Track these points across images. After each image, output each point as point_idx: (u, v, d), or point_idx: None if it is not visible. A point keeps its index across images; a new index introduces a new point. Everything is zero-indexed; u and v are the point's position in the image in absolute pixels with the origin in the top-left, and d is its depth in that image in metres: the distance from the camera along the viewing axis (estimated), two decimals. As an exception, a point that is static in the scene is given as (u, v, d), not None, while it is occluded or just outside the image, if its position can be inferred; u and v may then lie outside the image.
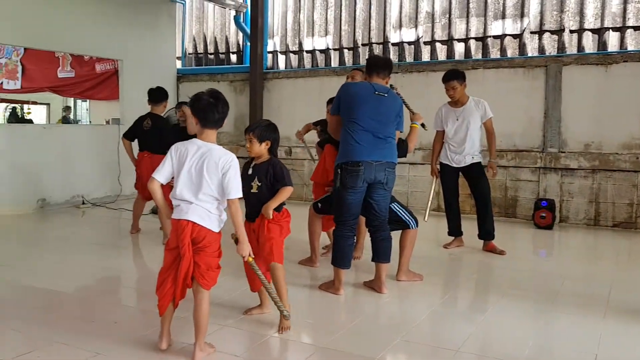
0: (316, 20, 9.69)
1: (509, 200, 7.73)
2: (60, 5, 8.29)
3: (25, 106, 12.82)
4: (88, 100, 12.85)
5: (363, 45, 9.29)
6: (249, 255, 3.10)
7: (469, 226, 5.97)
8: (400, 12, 8.97)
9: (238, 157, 3.10)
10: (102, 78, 10.86)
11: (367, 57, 4.91)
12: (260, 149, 3.52)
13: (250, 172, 3.54)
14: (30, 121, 12.46)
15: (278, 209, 3.59)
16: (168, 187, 3.05)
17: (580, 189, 7.29)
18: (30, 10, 7.87)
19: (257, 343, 3.32)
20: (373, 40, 9.20)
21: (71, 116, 13.50)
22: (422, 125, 4.73)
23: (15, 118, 12.72)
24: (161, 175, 3.00)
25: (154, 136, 6.25)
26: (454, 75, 5.60)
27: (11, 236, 6.51)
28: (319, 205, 4.99)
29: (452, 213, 5.92)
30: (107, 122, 10.52)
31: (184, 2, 10.72)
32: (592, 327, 3.63)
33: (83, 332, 3.37)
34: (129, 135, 6.48)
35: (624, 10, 7.38)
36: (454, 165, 5.74)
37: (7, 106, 12.85)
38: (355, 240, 4.42)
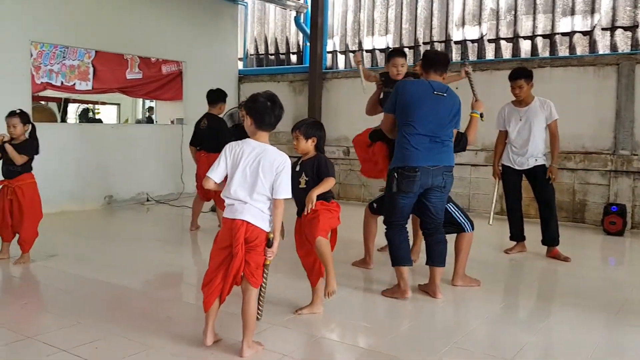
0: (376, 19, 9.61)
1: (577, 205, 7.39)
2: (129, 10, 8.61)
3: (95, 106, 13.36)
4: (154, 101, 13.24)
5: (424, 43, 9.13)
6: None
7: (533, 230, 5.73)
8: (464, 10, 8.76)
9: (295, 156, 3.12)
10: (168, 79, 11.15)
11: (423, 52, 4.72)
12: (307, 146, 3.62)
13: (297, 168, 3.60)
14: (99, 121, 12.99)
15: (326, 199, 3.64)
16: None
17: (654, 194, 6.88)
18: (101, 14, 8.23)
19: (305, 343, 3.31)
20: (435, 39, 9.03)
21: (154, 116, 13.94)
22: (481, 115, 4.50)
23: (86, 118, 13.29)
24: (216, 174, 3.03)
25: (210, 135, 6.40)
26: (521, 73, 5.38)
27: (80, 231, 6.81)
28: (375, 205, 4.93)
29: (514, 217, 5.70)
30: (172, 122, 10.83)
31: (245, 4, 10.89)
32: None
33: (139, 326, 3.46)
34: (193, 142, 6.65)
35: None
36: (517, 168, 5.52)
37: (79, 106, 13.44)
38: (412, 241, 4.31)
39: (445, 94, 4.07)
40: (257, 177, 2.93)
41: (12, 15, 7.20)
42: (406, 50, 9.27)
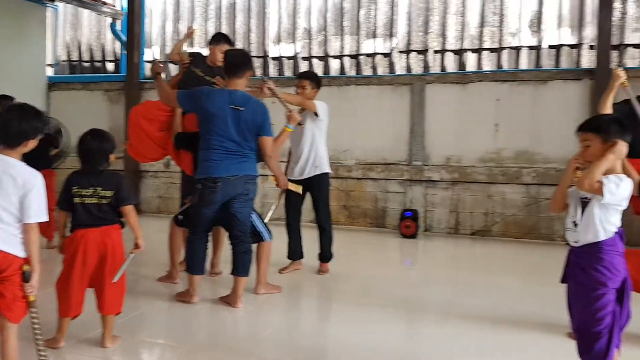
0: (196, 30, 9.60)
1: (379, 211, 8.07)
2: None
3: None
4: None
5: (243, 58, 9.32)
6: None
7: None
8: (279, 27, 9.13)
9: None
10: (-37, 84, 10.08)
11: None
12: None
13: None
14: None
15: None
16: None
17: (442, 200, 7.78)
18: None
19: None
20: (253, 54, 9.28)
21: None
22: (299, 124, 4.71)
23: None
24: None
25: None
26: (305, 75, 5.40)
27: None
28: (180, 217, 4.93)
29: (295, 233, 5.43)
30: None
31: (56, 7, 10.22)
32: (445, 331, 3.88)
33: None
34: None
35: (481, 33, 7.99)
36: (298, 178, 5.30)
37: None
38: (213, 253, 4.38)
39: (242, 108, 4.10)
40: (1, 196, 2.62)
41: None
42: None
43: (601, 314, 2.56)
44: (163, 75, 4.58)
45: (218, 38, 5.04)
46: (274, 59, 9.18)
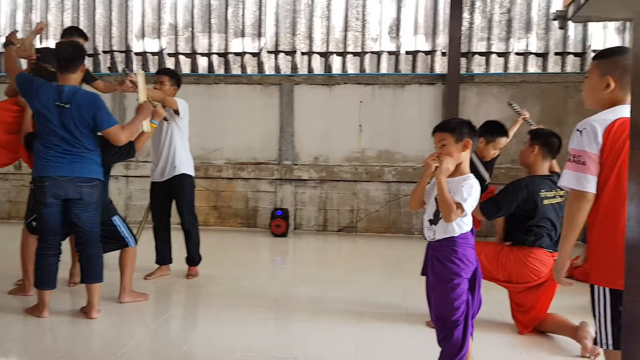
0: (51, 22, 8.94)
1: (250, 211, 8.09)
2: None
3: None
4: None
5: (104, 52, 8.85)
6: None
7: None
8: (143, 22, 8.77)
9: None
10: None
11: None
12: None
13: None
14: None
15: None
16: None
17: (310, 198, 7.98)
18: None
19: None
20: (115, 48, 8.83)
21: None
22: (165, 119, 4.58)
23: None
24: None
25: None
26: (164, 71, 5.39)
27: None
28: (34, 224, 4.57)
29: (161, 237, 5.28)
30: None
31: None
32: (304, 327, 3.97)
33: None
34: None
35: (345, 37, 8.29)
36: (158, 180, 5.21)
37: None
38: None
39: (67, 105, 3.85)
40: None
41: None
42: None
43: (457, 303, 2.79)
44: (16, 47, 4.30)
45: (70, 31, 4.81)
46: (137, 54, 8.81)
